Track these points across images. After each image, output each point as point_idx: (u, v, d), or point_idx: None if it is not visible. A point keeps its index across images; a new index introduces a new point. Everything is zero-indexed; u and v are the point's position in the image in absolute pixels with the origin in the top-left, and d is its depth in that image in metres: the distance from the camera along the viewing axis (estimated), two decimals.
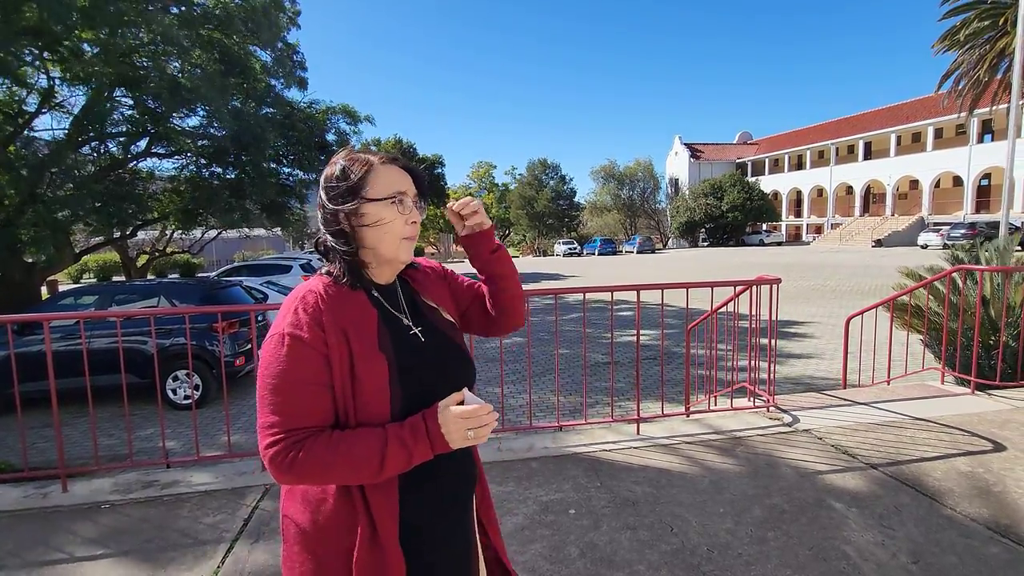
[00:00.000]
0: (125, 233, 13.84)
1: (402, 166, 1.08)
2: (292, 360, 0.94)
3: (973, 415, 3.79)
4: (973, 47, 18.89)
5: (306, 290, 1.02)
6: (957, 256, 5.10)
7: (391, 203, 1.03)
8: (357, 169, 1.03)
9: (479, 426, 0.96)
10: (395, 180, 1.05)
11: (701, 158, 54.61)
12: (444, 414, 0.96)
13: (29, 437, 5.12)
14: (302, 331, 0.95)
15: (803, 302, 12.96)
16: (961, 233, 26.28)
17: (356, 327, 0.99)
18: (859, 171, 41.99)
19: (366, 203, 1.02)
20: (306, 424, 0.94)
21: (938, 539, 2.37)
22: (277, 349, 0.95)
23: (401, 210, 1.04)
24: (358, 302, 1.03)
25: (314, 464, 0.91)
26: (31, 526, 2.75)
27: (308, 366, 0.94)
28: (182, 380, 6.55)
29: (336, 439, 0.93)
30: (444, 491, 1.08)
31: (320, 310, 0.98)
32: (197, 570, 2.35)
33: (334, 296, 1.01)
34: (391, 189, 1.04)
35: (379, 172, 1.04)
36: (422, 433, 0.95)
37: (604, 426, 3.85)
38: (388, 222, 1.03)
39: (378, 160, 1.05)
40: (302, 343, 0.95)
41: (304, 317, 0.96)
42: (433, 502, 1.06)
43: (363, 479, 0.95)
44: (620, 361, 7.83)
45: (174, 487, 3.11)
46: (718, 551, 2.35)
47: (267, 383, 0.94)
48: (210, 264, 31.56)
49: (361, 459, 0.92)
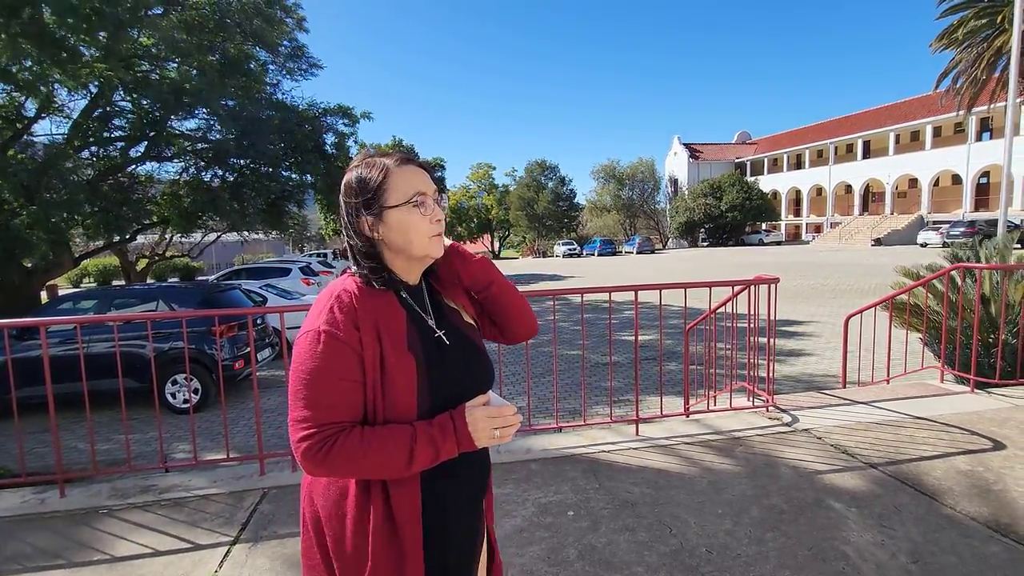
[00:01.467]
0: (124, 237, 13.83)
1: (418, 164, 1.09)
2: (327, 357, 0.96)
3: (972, 413, 3.78)
4: (971, 45, 18.91)
5: (341, 289, 1.04)
6: (956, 254, 5.09)
7: (413, 206, 1.04)
8: (375, 176, 1.04)
9: (504, 426, 1.01)
10: (413, 181, 1.06)
11: (700, 158, 54.63)
12: (472, 413, 1.00)
13: (27, 442, 5.11)
14: (338, 329, 0.98)
15: (802, 301, 12.95)
16: (960, 231, 26.31)
17: (387, 326, 1.02)
18: (858, 170, 42.01)
19: (388, 210, 1.04)
20: (338, 419, 0.97)
21: (937, 539, 2.36)
22: (313, 346, 0.97)
23: (424, 211, 1.05)
24: (388, 302, 1.06)
25: (346, 458, 0.94)
26: (29, 531, 2.74)
27: (343, 363, 0.97)
28: (181, 384, 6.54)
29: (368, 434, 0.96)
30: (464, 490, 1.11)
31: (355, 308, 1.00)
32: (195, 574, 2.34)
33: (367, 295, 1.04)
34: (411, 191, 1.04)
35: (396, 176, 1.04)
36: (450, 431, 0.98)
37: (603, 427, 3.84)
38: (414, 224, 1.04)
39: (393, 163, 1.06)
40: (338, 340, 0.97)
41: (339, 315, 0.99)
42: (453, 500, 1.08)
43: (392, 474, 0.97)
44: (619, 362, 7.82)
45: (172, 491, 3.10)
46: (717, 552, 2.34)
47: (301, 378, 0.97)
48: (210, 268, 31.57)
49: (391, 454, 0.95)
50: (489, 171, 62.53)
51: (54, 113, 11.04)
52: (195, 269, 29.22)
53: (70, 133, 11.02)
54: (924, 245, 29.15)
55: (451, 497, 1.08)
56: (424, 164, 1.10)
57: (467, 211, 59.20)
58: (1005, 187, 9.96)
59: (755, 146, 56.15)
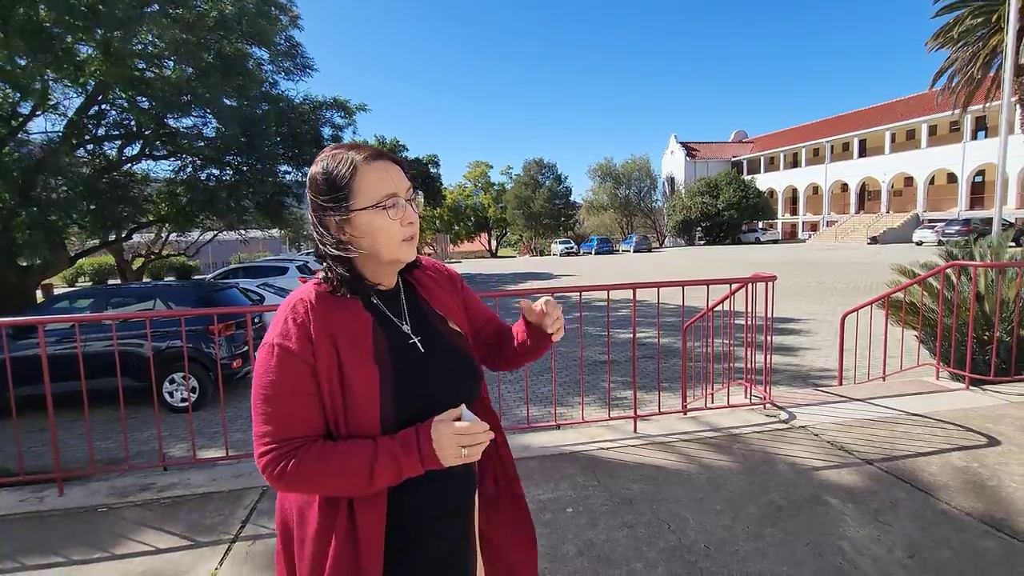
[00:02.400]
0: (120, 236, 13.76)
1: (389, 159, 1.01)
2: (281, 371, 0.93)
3: (967, 410, 3.81)
4: (966, 44, 18.99)
5: (297, 299, 0.99)
6: (952, 252, 5.12)
7: (380, 210, 0.96)
8: (341, 173, 0.96)
9: (473, 444, 0.93)
10: (383, 181, 0.98)
11: (697, 157, 54.74)
12: (438, 429, 0.93)
13: (24, 441, 5.09)
14: (290, 342, 0.94)
15: (799, 299, 13.00)
16: (956, 230, 26.46)
17: (348, 335, 0.97)
18: (854, 168, 42.18)
19: (356, 212, 0.97)
20: (297, 434, 0.93)
21: (933, 534, 2.39)
22: (267, 359, 0.94)
23: (393, 215, 0.97)
24: (352, 308, 1.00)
25: (305, 474, 0.91)
26: (27, 530, 2.73)
27: (296, 377, 0.93)
28: (179, 383, 6.53)
29: (328, 450, 0.92)
30: (438, 506, 1.04)
31: (308, 320, 0.96)
32: (195, 572, 2.34)
33: (326, 303, 0.98)
34: (380, 193, 0.97)
35: (364, 174, 0.97)
36: (413, 448, 0.92)
37: (601, 424, 3.85)
38: (382, 229, 0.97)
39: (362, 159, 0.97)
40: (290, 353, 0.93)
41: (292, 327, 0.95)
42: (426, 516, 1.03)
43: (353, 491, 0.93)
44: (617, 360, 7.84)
45: (171, 490, 3.10)
46: (715, 548, 2.35)
47: (259, 393, 0.94)
48: (206, 266, 31.45)
49: (351, 471, 0.91)
50: (486, 169, 62.49)
51: (49, 111, 10.98)
52: (191, 268, 29.12)
53: (66, 131, 10.96)
54: (920, 243, 29.28)
55: (423, 513, 1.02)
56: (397, 159, 1.02)
57: (464, 210, 59.14)
58: (1000, 185, 10.03)
59: (752, 145, 56.29)
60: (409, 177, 1.02)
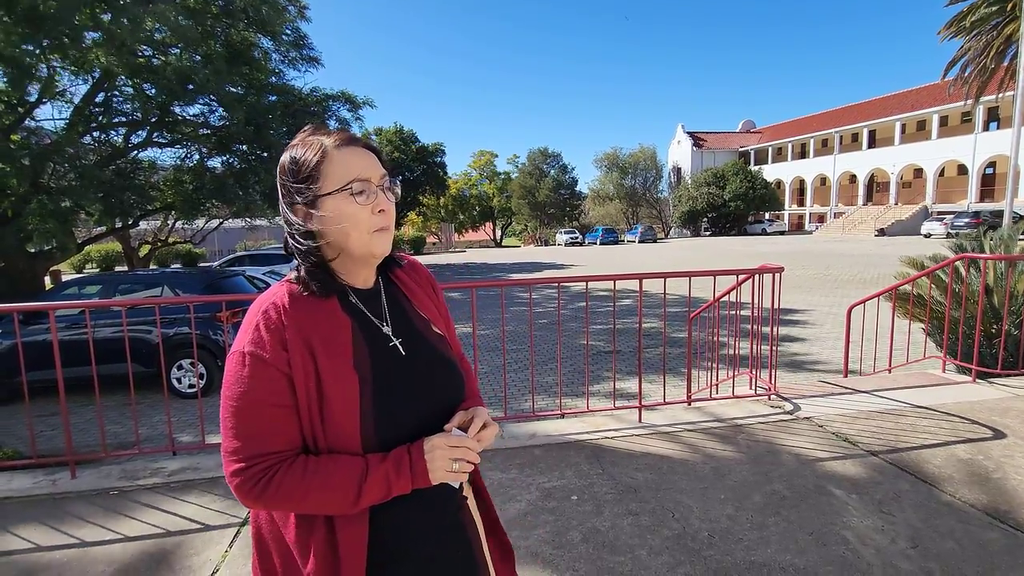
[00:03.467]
0: (127, 223, 13.83)
1: (363, 145, 0.94)
2: (253, 381, 0.86)
3: (974, 403, 3.80)
4: (980, 33, 18.66)
5: (268, 303, 0.91)
6: (961, 245, 5.09)
7: (350, 195, 0.89)
8: (309, 157, 0.90)
9: (464, 459, 0.90)
10: (353, 165, 0.91)
11: (704, 147, 54.30)
12: (430, 442, 0.89)
13: (36, 425, 5.16)
14: (263, 350, 0.86)
15: (805, 291, 12.95)
16: (965, 222, 26.21)
17: (325, 340, 0.90)
18: (863, 159, 41.74)
19: (323, 198, 0.90)
20: (271, 449, 0.86)
21: (937, 525, 2.40)
22: (238, 369, 0.87)
23: (363, 201, 0.90)
24: (328, 311, 0.92)
25: (286, 494, 0.85)
26: (41, 512, 2.79)
27: (271, 387, 0.86)
28: (187, 369, 6.59)
29: (311, 468, 0.86)
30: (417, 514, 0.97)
31: (282, 325, 0.88)
32: (205, 554, 2.39)
33: (300, 306, 0.91)
34: (348, 177, 0.90)
35: (333, 159, 0.90)
36: (406, 467, 0.87)
37: (606, 414, 3.87)
38: (351, 216, 0.90)
39: (332, 143, 0.91)
40: (263, 363, 0.86)
41: (265, 334, 0.87)
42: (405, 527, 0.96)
43: (336, 510, 0.87)
44: (622, 350, 7.85)
45: (181, 474, 3.15)
46: (719, 536, 2.37)
47: (228, 405, 0.87)
48: (212, 254, 31.61)
49: (336, 490, 0.85)
50: (491, 159, 62.21)
51: (56, 98, 11.00)
52: (198, 255, 29.26)
53: (72, 118, 10.98)
54: (928, 236, 29.03)
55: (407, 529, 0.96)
56: (372, 146, 0.95)
57: (468, 199, 59.00)
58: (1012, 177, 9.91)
59: (760, 135, 55.76)
60: (385, 165, 0.96)
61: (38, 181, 9.46)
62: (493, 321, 10.14)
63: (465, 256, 37.17)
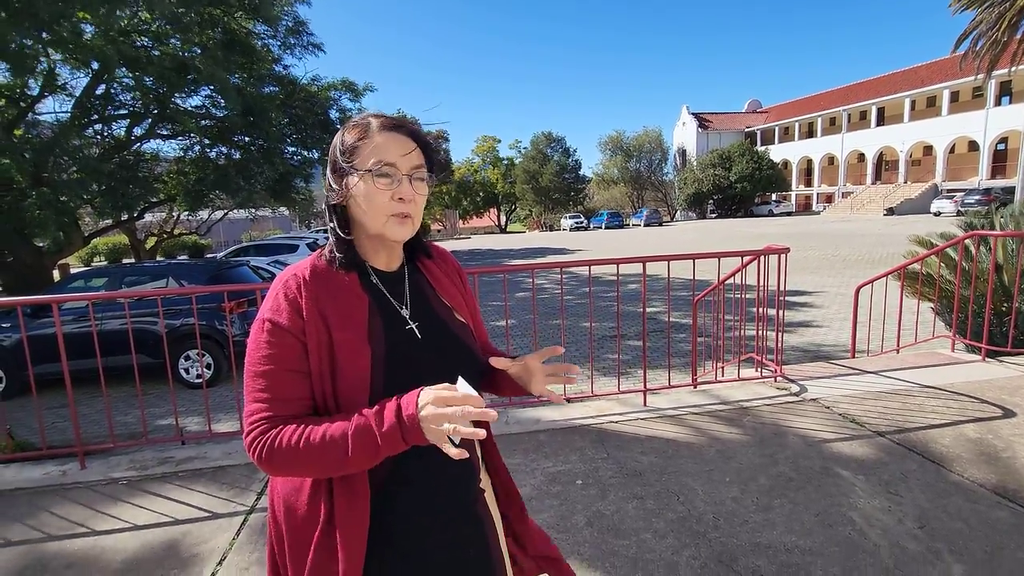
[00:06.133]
0: (132, 215, 13.87)
1: (407, 133, 0.95)
2: (271, 346, 0.90)
3: (983, 382, 3.76)
4: (992, 5, 18.19)
5: (290, 274, 0.96)
6: (971, 222, 5.00)
7: (371, 176, 0.92)
8: (352, 137, 0.94)
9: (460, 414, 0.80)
10: (386, 148, 0.93)
11: (709, 128, 53.65)
12: (423, 396, 0.84)
13: (47, 417, 5.23)
14: (281, 317, 0.91)
15: (812, 272, 12.84)
16: (976, 199, 25.82)
17: (341, 314, 0.93)
18: (871, 138, 41.13)
19: (351, 176, 0.94)
20: (286, 412, 0.89)
21: (944, 504, 2.38)
22: (258, 335, 0.91)
23: (383, 184, 0.92)
24: (348, 286, 0.96)
25: (286, 452, 0.85)
26: (52, 502, 2.82)
27: (288, 353, 0.90)
28: (193, 360, 6.64)
29: (307, 425, 0.87)
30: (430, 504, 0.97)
31: (300, 295, 0.92)
32: (213, 542, 2.41)
33: (321, 279, 0.95)
34: (375, 158, 0.92)
35: (373, 139, 0.93)
36: (391, 412, 0.83)
37: (611, 398, 3.86)
38: (369, 197, 0.93)
39: (377, 125, 0.94)
40: (281, 329, 0.90)
41: (284, 303, 0.92)
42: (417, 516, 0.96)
43: (332, 468, 0.86)
44: (627, 334, 7.83)
45: (189, 463, 3.18)
46: (724, 519, 2.37)
47: (249, 370, 0.91)
48: (217, 245, 31.73)
49: (328, 445, 0.84)
50: (494, 144, 61.77)
51: (57, 91, 10.97)
52: (203, 246, 29.39)
53: (74, 111, 10.96)
54: (938, 214, 28.68)
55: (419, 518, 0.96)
56: (418, 136, 0.96)
57: (472, 185, 58.73)
58: None
59: (766, 115, 55.00)
60: (429, 158, 0.97)
61: (40, 175, 9.47)
62: (497, 308, 10.13)
63: (470, 243, 37.11)
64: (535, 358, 1.03)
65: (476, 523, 1.03)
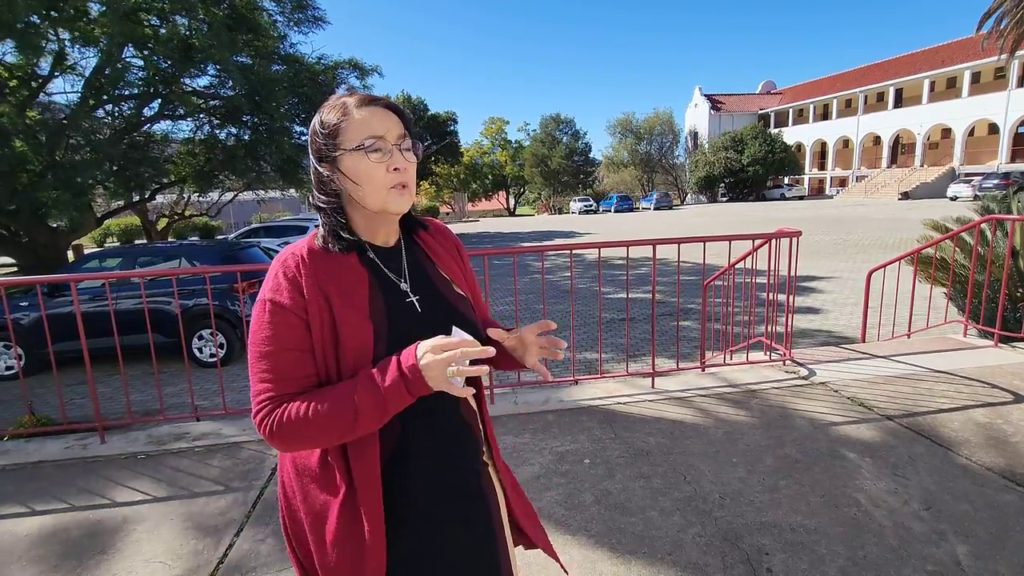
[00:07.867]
0: (144, 196, 13.95)
1: (384, 105, 0.96)
2: (274, 326, 0.91)
3: (995, 367, 3.74)
4: None
5: (288, 253, 0.96)
6: (988, 207, 4.93)
7: (365, 152, 0.93)
8: (332, 118, 0.94)
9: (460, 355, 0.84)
10: (370, 124, 0.93)
11: (722, 110, 52.78)
12: (421, 347, 0.87)
13: (66, 394, 5.35)
14: (282, 296, 0.91)
15: (824, 257, 12.72)
16: (994, 184, 25.31)
17: (341, 291, 0.94)
18: (888, 120, 40.29)
19: (341, 156, 0.94)
20: (291, 390, 0.91)
21: (951, 487, 2.39)
22: (260, 315, 0.92)
23: (377, 158, 0.93)
24: (346, 264, 0.97)
25: (296, 424, 0.87)
26: (74, 475, 2.90)
27: (290, 332, 0.91)
28: (207, 339, 6.74)
29: (312, 396, 0.89)
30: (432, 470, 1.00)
31: (300, 274, 0.93)
32: (230, 514, 2.48)
33: (319, 257, 0.96)
34: (363, 135, 0.93)
35: (353, 117, 0.94)
36: (393, 367, 0.86)
37: (619, 380, 3.89)
38: (365, 173, 0.93)
39: (354, 103, 0.95)
40: (283, 308, 0.91)
41: (284, 282, 0.93)
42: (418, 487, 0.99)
43: (342, 432, 0.88)
44: (635, 317, 7.83)
45: (205, 439, 3.25)
46: (730, 498, 2.40)
47: (253, 351, 0.93)
48: (228, 227, 31.89)
49: (335, 410, 0.86)
50: (502, 126, 61.20)
51: (67, 71, 10.98)
52: (214, 228, 29.55)
53: (83, 91, 10.98)
54: (954, 198, 28.16)
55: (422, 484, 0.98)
56: (395, 107, 0.98)
57: (481, 168, 58.37)
58: None
59: (780, 96, 53.98)
60: (408, 127, 0.98)
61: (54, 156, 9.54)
62: (506, 290, 10.15)
63: (479, 225, 37.04)
64: (529, 331, 1.05)
65: (480, 497, 1.06)
